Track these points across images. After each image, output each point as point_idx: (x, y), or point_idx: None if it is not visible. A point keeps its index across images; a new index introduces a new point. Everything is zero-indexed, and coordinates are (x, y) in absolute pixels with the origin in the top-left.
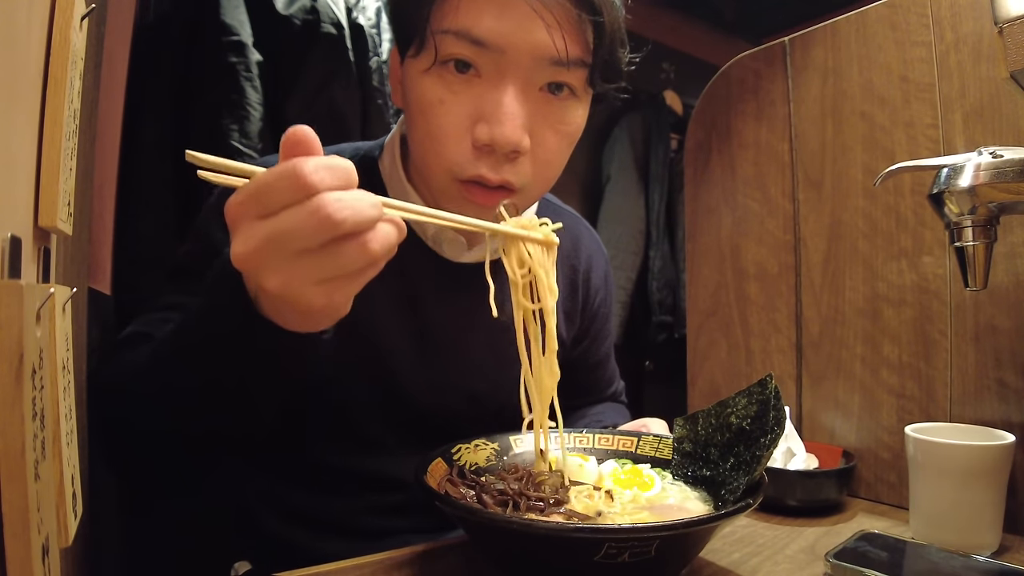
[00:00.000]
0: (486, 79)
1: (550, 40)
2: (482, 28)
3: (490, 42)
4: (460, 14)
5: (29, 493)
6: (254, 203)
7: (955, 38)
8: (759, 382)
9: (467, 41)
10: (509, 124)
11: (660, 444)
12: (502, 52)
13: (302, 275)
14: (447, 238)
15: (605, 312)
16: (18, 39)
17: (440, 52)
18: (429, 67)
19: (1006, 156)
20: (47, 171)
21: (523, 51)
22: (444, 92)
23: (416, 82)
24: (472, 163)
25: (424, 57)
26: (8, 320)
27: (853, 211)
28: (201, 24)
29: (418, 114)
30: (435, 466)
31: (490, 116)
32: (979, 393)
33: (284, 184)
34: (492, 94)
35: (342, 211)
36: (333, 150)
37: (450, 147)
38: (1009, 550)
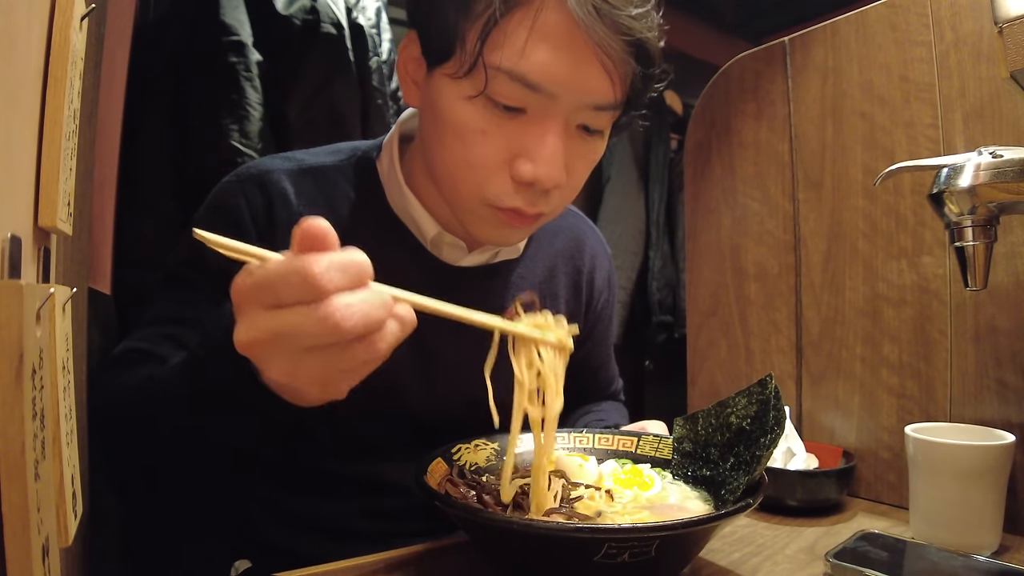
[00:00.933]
0: (531, 117)
1: (601, 87)
2: (539, 74)
3: (545, 88)
4: (517, 54)
5: (29, 493)
6: (262, 292)
7: (955, 38)
8: (759, 382)
9: (521, 84)
10: (555, 165)
11: (660, 444)
12: (553, 97)
13: (306, 370)
14: (446, 242)
15: (608, 313)
16: (18, 39)
17: (490, 89)
18: (474, 96)
19: (1006, 156)
20: (47, 171)
21: (573, 96)
22: (487, 124)
23: (454, 105)
24: (510, 195)
25: (468, 84)
26: (8, 320)
27: (853, 211)
28: (201, 24)
29: (454, 138)
30: (435, 466)
31: (535, 155)
32: (979, 393)
33: (294, 281)
34: (537, 133)
35: (351, 318)
36: (331, 149)
37: (489, 178)
38: (1009, 550)
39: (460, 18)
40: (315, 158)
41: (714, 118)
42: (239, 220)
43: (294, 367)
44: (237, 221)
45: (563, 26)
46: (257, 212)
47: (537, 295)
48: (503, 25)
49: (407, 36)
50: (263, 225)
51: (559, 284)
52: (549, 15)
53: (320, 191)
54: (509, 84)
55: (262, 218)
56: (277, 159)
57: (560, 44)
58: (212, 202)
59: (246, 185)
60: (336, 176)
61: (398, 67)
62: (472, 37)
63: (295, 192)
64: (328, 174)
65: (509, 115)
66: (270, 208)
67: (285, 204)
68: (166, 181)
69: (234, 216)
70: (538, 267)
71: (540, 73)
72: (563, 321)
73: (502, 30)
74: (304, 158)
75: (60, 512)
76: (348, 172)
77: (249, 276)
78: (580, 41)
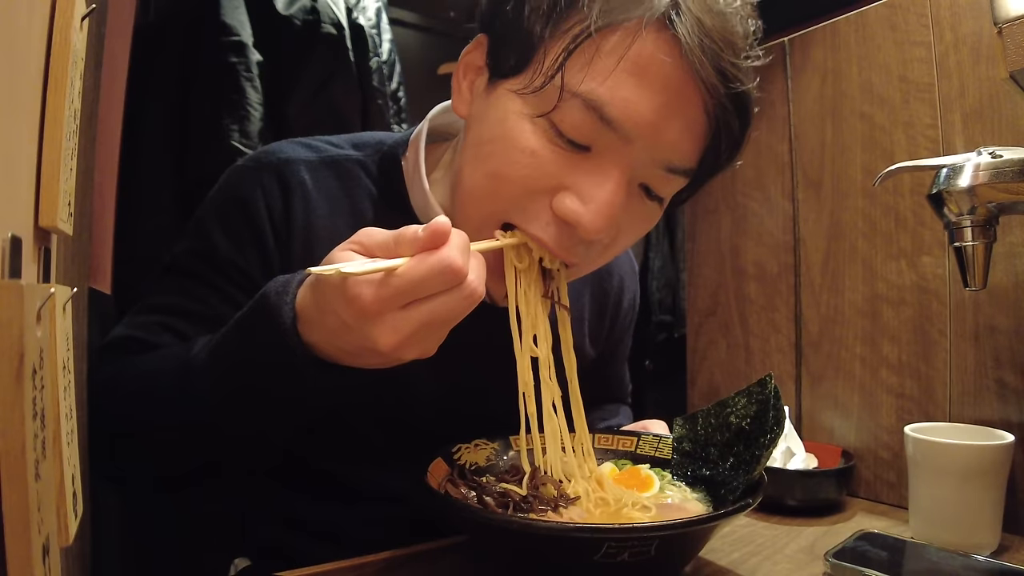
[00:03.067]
0: (595, 157)
1: (681, 144)
2: (620, 108)
3: (622, 127)
4: (601, 78)
5: (29, 493)
6: (406, 295)
7: (955, 38)
8: (759, 382)
9: (596, 116)
10: (606, 214)
11: (660, 444)
12: (628, 141)
13: (435, 340)
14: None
15: (630, 332)
16: (18, 39)
17: (559, 114)
18: (536, 115)
19: (1005, 156)
20: (47, 171)
21: (649, 145)
22: (541, 147)
23: (510, 118)
24: (543, 225)
25: (534, 102)
26: (8, 320)
27: (852, 211)
28: (201, 24)
29: (497, 150)
30: (435, 466)
31: (587, 195)
32: (978, 393)
33: (443, 278)
34: (597, 175)
35: (481, 287)
36: (355, 140)
37: (523, 200)
38: (1008, 550)
39: (547, 29)
40: (338, 149)
41: None
42: (254, 212)
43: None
44: (252, 213)
45: (660, 60)
46: (274, 205)
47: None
48: (594, 42)
49: (475, 40)
50: (279, 219)
51: (584, 307)
52: (647, 43)
53: (341, 186)
54: (582, 113)
55: (279, 212)
56: (299, 146)
57: (652, 79)
58: (227, 189)
59: (264, 175)
60: (358, 171)
61: (455, 71)
62: (555, 51)
63: (314, 186)
64: (350, 168)
65: (570, 150)
66: (287, 201)
67: (304, 198)
68: (166, 181)
69: (249, 208)
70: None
71: (622, 107)
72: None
73: (592, 48)
74: (326, 148)
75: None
76: (371, 168)
77: (381, 287)
78: (676, 82)
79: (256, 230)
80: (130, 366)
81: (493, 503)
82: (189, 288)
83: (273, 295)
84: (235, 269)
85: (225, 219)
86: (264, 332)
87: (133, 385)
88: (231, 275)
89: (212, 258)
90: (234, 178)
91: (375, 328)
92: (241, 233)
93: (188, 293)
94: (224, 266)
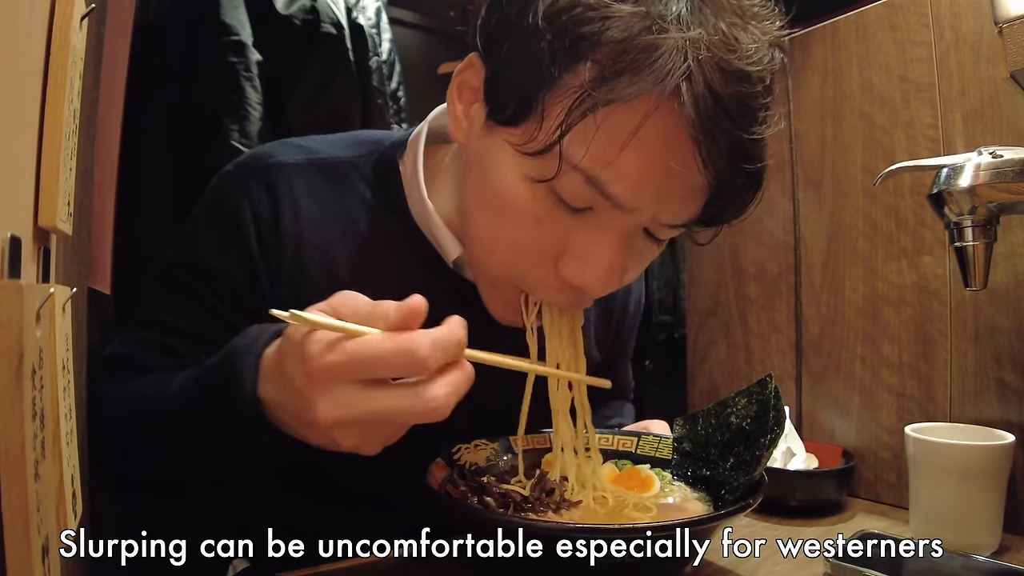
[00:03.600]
0: (595, 216)
1: (686, 209)
2: (623, 187)
3: (623, 203)
4: (605, 159)
5: (29, 493)
6: (357, 370)
7: (955, 38)
8: (759, 382)
9: (596, 191)
10: (609, 277)
11: (660, 444)
12: (630, 212)
13: (379, 439)
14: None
15: (635, 334)
16: (18, 39)
17: (559, 184)
18: (536, 180)
19: (1006, 156)
20: (47, 171)
21: (652, 213)
22: (544, 213)
23: (511, 183)
24: (551, 291)
25: (533, 166)
26: (8, 320)
27: (853, 211)
28: (201, 24)
29: (503, 216)
30: (435, 466)
31: (588, 259)
32: (979, 393)
33: (400, 362)
34: (598, 238)
35: (451, 404)
36: (350, 139)
37: (532, 267)
38: (1009, 550)
39: (544, 88)
40: (331, 150)
41: None
42: (240, 223)
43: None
44: (238, 224)
45: (667, 140)
46: (260, 214)
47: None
48: (597, 119)
49: (468, 60)
50: (267, 228)
51: (589, 310)
52: (656, 123)
53: (333, 190)
54: (581, 186)
55: (266, 220)
56: (288, 148)
57: (658, 157)
58: (212, 199)
59: (250, 183)
60: (353, 175)
61: (449, 90)
62: (554, 115)
63: (306, 192)
64: (344, 171)
65: (571, 212)
66: (276, 209)
67: (293, 205)
68: (166, 181)
69: (235, 217)
70: None
71: (625, 189)
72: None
73: (594, 124)
74: (319, 149)
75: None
76: (367, 171)
77: (339, 351)
78: (682, 157)
79: (242, 240)
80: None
81: (494, 503)
82: (176, 302)
83: (240, 353)
84: (220, 283)
85: (211, 229)
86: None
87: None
88: (216, 288)
89: (199, 271)
90: (221, 185)
91: (319, 395)
92: (227, 244)
93: (176, 307)
94: (210, 279)
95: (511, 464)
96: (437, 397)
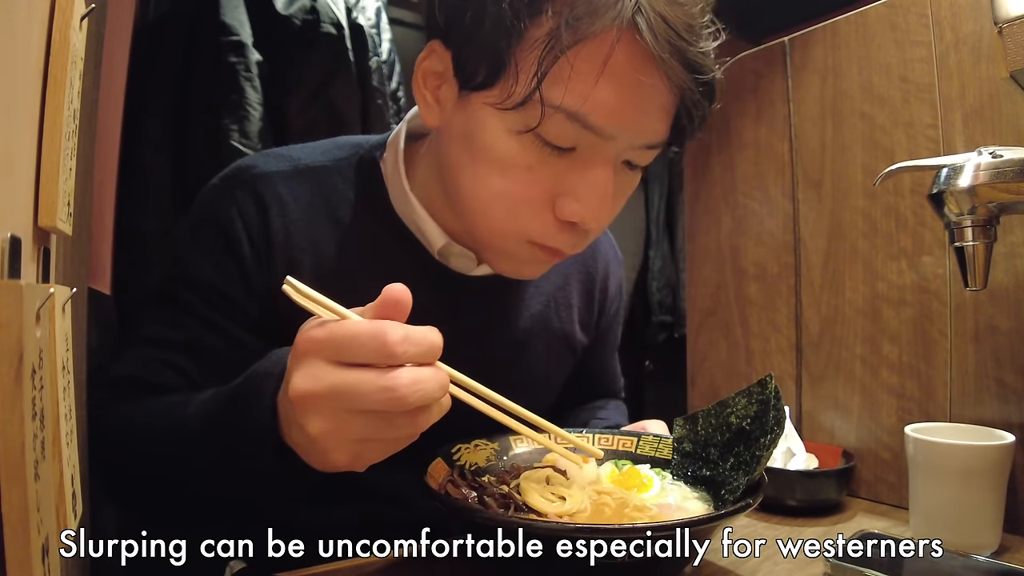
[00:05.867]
0: (580, 155)
1: (659, 128)
2: (604, 117)
3: (603, 131)
4: (583, 94)
5: (29, 493)
6: (332, 347)
7: (955, 38)
8: (759, 382)
9: (579, 125)
10: (603, 207)
11: (660, 444)
12: (610, 139)
13: (347, 430)
14: (455, 252)
15: (618, 319)
16: (18, 39)
17: (543, 127)
18: (521, 131)
19: (1006, 156)
20: (47, 171)
21: (631, 138)
22: (534, 161)
23: (498, 139)
24: (553, 236)
25: (516, 118)
26: (8, 320)
27: (853, 211)
28: (201, 24)
29: (495, 174)
30: (435, 466)
31: (583, 196)
32: (979, 393)
33: (369, 345)
34: (587, 175)
35: (415, 394)
36: (329, 145)
37: (532, 216)
38: (1009, 550)
39: (512, 42)
40: (312, 157)
41: (714, 118)
42: (231, 234)
43: (337, 426)
44: (229, 236)
45: (632, 65)
46: (251, 223)
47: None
48: (569, 59)
49: (428, 48)
50: (258, 236)
51: (572, 292)
52: (619, 51)
53: (318, 194)
54: (565, 124)
55: (256, 229)
56: (270, 159)
57: (629, 84)
58: (200, 214)
59: (237, 193)
60: (335, 178)
61: (415, 82)
62: (528, 67)
63: (292, 198)
64: (326, 175)
65: (557, 153)
66: (265, 217)
67: (281, 211)
68: (166, 181)
69: (226, 229)
70: (552, 276)
71: (605, 116)
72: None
73: (567, 64)
74: (300, 156)
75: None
76: (349, 173)
77: (322, 328)
78: (649, 81)
79: (235, 252)
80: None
81: (494, 503)
82: (176, 319)
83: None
84: (217, 295)
85: (202, 243)
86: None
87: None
88: (213, 301)
89: (194, 286)
90: (208, 200)
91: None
92: (219, 257)
93: (177, 324)
94: (206, 293)
95: (511, 464)
96: (399, 384)
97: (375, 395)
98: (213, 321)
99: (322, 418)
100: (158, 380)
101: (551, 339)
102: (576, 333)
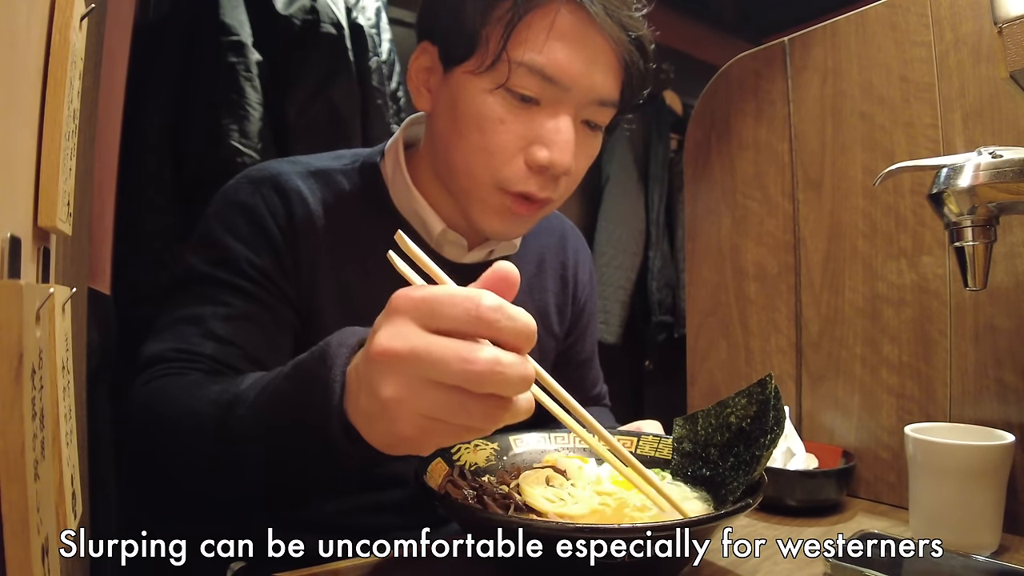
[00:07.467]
0: (544, 107)
1: (607, 83)
2: (556, 68)
3: (560, 81)
4: (537, 49)
5: (29, 493)
6: (426, 308)
7: (955, 38)
8: (759, 382)
9: (539, 77)
10: (567, 150)
11: (660, 444)
12: (567, 90)
13: (419, 400)
14: (449, 240)
15: (591, 309)
16: (18, 39)
17: (511, 81)
18: (494, 88)
19: (1006, 156)
20: (47, 171)
21: (584, 90)
22: (505, 113)
23: (476, 98)
24: (523, 180)
25: (489, 78)
26: (8, 320)
27: (853, 211)
28: (201, 24)
29: (474, 128)
30: (435, 466)
31: (549, 142)
32: (979, 393)
33: (461, 308)
34: (552, 122)
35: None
36: (332, 155)
37: (506, 163)
38: (1009, 550)
39: (481, 23)
40: (319, 161)
41: (714, 118)
42: (260, 217)
43: (410, 394)
44: (258, 218)
45: (577, 26)
46: (276, 210)
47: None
48: (524, 23)
49: (418, 49)
50: (284, 223)
51: (547, 277)
52: (565, 17)
53: (329, 191)
54: (528, 76)
55: (281, 216)
56: (283, 163)
57: (574, 42)
58: (227, 200)
59: (260, 186)
60: (341, 179)
61: (409, 78)
62: (495, 37)
63: (308, 192)
64: (334, 176)
65: (525, 106)
66: (288, 206)
67: (302, 202)
68: (166, 181)
69: (255, 213)
70: (529, 262)
71: (557, 67)
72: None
73: (524, 27)
74: (309, 161)
75: (60, 512)
76: (353, 175)
77: (420, 289)
78: (592, 40)
79: (264, 231)
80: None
81: (494, 503)
82: (213, 295)
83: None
84: (254, 268)
85: (232, 226)
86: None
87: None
88: (251, 275)
89: (229, 262)
90: (232, 191)
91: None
92: (251, 236)
93: (213, 299)
94: (244, 267)
95: (511, 464)
96: (478, 357)
97: (453, 364)
98: (250, 292)
99: (396, 382)
100: (200, 350)
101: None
102: (552, 315)
